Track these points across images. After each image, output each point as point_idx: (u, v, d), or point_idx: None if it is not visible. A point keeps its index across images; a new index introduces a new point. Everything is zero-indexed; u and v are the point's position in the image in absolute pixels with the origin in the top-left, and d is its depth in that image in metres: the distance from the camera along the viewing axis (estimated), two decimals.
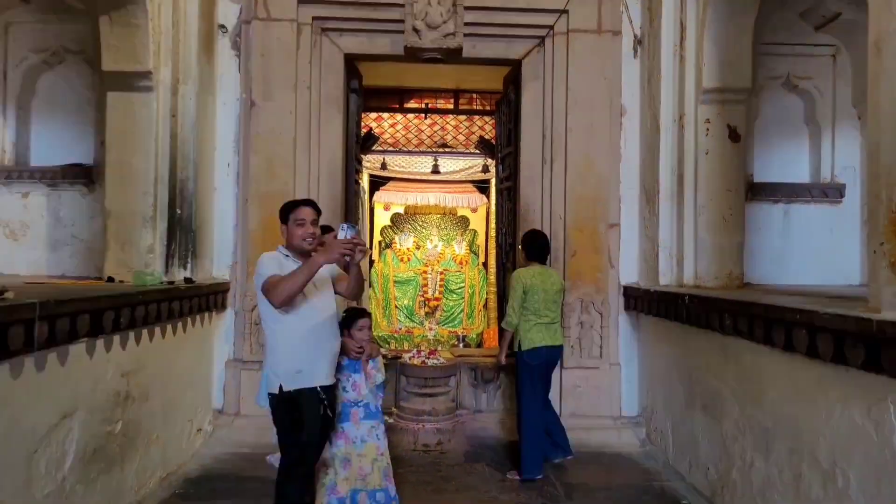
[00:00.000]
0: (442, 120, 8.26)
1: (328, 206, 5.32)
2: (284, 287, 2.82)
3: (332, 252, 2.82)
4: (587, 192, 5.20)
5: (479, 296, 9.97)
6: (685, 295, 3.97)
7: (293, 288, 2.82)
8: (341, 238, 2.84)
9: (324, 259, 2.83)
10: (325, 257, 2.83)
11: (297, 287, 2.83)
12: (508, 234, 6.05)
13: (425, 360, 5.28)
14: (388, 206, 10.29)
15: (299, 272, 2.84)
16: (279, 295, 2.83)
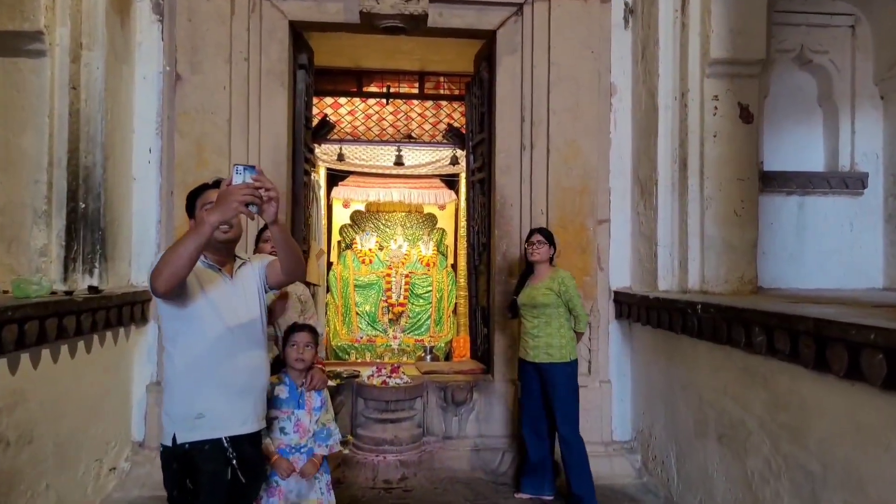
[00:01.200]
0: (406, 106, 7.56)
1: None
2: (163, 261, 2.02)
3: (226, 203, 1.93)
4: (573, 183, 4.57)
5: (447, 300, 9.30)
6: (697, 303, 3.34)
7: (174, 260, 1.98)
8: (238, 184, 1.96)
9: (217, 216, 1.95)
10: (217, 214, 1.95)
11: (182, 259, 1.98)
12: (481, 233, 5.39)
13: (386, 379, 4.57)
14: (348, 203, 9.54)
15: (184, 238, 2.02)
16: (157, 274, 2.03)
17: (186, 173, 4.41)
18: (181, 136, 4.44)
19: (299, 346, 2.82)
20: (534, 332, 3.83)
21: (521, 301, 3.93)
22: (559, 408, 3.75)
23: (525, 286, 3.97)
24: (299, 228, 5.09)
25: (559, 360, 3.76)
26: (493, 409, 4.73)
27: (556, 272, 3.90)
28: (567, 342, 3.80)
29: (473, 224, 5.77)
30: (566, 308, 3.82)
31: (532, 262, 3.93)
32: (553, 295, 3.79)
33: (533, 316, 3.85)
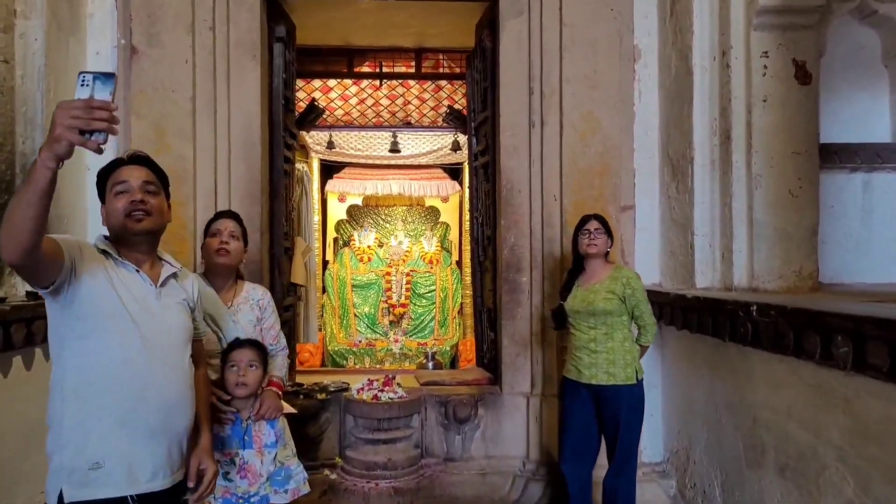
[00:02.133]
0: (402, 88, 6.97)
1: (243, 190, 4.05)
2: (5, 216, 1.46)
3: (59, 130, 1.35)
4: (591, 164, 3.99)
5: (452, 300, 8.74)
6: (751, 304, 2.75)
7: (8, 223, 1.44)
8: (79, 99, 1.37)
9: (49, 151, 1.38)
10: (49, 147, 1.38)
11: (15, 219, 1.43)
12: (486, 225, 4.81)
13: (377, 393, 4.01)
14: (344, 197, 8.99)
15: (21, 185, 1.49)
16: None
17: None
18: (138, 117, 3.89)
19: (240, 367, 2.27)
20: (591, 346, 3.13)
21: (572, 307, 3.22)
22: (623, 438, 3.09)
23: (574, 287, 3.28)
24: (278, 223, 4.53)
25: (624, 382, 3.08)
26: (501, 426, 4.16)
27: (617, 270, 3.23)
28: (633, 358, 3.14)
29: (477, 215, 5.19)
30: (629, 315, 3.18)
31: (586, 255, 3.23)
32: (616, 299, 3.12)
33: (589, 326, 3.16)
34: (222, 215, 2.71)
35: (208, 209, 3.95)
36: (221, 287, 2.57)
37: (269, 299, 2.70)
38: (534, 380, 4.11)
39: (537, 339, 4.10)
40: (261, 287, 2.74)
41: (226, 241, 2.54)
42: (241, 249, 2.61)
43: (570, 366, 3.22)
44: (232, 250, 2.55)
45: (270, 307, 2.68)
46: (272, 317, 2.68)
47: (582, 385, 3.14)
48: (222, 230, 2.57)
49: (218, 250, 2.52)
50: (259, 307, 2.63)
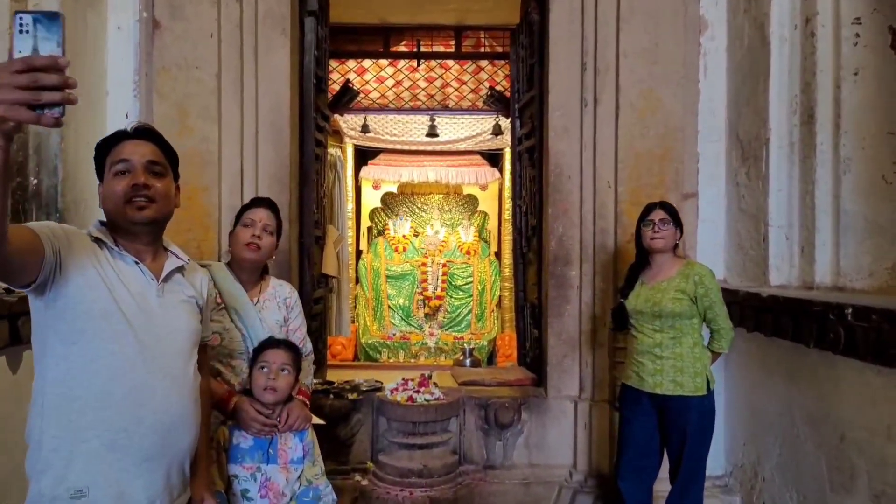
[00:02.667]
0: (440, 69, 6.68)
1: (271, 175, 3.84)
2: None
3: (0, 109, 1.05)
4: (650, 147, 3.66)
5: (490, 293, 8.47)
6: (845, 306, 2.41)
7: None
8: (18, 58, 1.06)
9: None
10: None
11: None
12: (530, 214, 4.52)
13: (413, 394, 3.77)
14: (378, 185, 8.77)
15: None
16: None
17: None
18: (160, 97, 3.70)
19: (271, 370, 2.04)
20: (656, 351, 2.81)
21: (635, 307, 2.90)
22: (689, 455, 2.78)
23: (637, 285, 2.96)
24: (308, 210, 4.31)
25: (692, 393, 2.76)
26: (546, 432, 3.88)
27: (689, 266, 2.86)
28: (703, 367, 2.80)
29: (520, 203, 4.91)
30: (701, 318, 2.84)
31: (651, 250, 2.88)
32: (686, 300, 2.77)
33: (654, 329, 2.83)
34: (259, 203, 2.41)
35: (234, 195, 3.76)
36: (246, 282, 2.34)
37: (296, 298, 2.46)
38: (582, 383, 3.82)
39: (587, 338, 3.81)
40: (288, 284, 2.50)
41: (258, 234, 2.28)
42: (273, 245, 2.35)
43: (631, 372, 2.91)
44: (264, 246, 2.28)
45: (298, 307, 2.45)
46: (299, 317, 2.44)
47: (644, 394, 2.83)
48: (256, 221, 2.31)
49: (248, 244, 2.27)
50: (286, 306, 2.40)
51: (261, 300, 2.34)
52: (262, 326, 2.25)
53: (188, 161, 3.65)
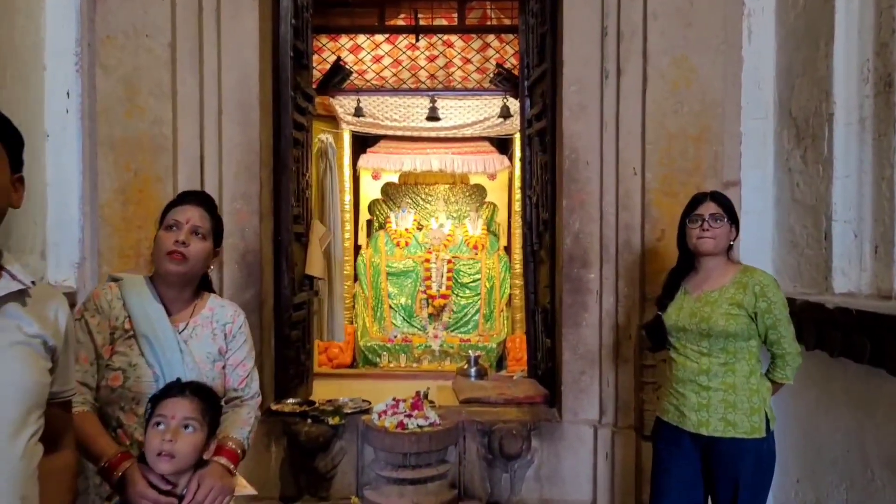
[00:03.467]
0: (442, 45, 6.14)
1: (238, 162, 3.36)
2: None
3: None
4: (684, 126, 3.13)
5: (499, 291, 7.96)
6: None
7: None
8: None
9: None
10: None
11: None
12: (542, 207, 4.00)
13: (404, 419, 3.26)
14: (378, 174, 8.25)
15: None
16: None
17: (113, 125, 3.19)
18: (105, 71, 3.21)
19: (169, 427, 1.54)
20: (702, 380, 2.26)
21: (676, 322, 2.35)
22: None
23: (679, 294, 2.41)
24: (286, 203, 3.82)
25: (748, 434, 2.21)
26: (560, 462, 3.38)
27: (746, 273, 2.29)
28: (762, 401, 2.25)
29: (531, 194, 4.39)
30: (760, 339, 2.29)
31: (698, 252, 2.32)
32: (744, 316, 2.22)
33: (701, 352, 2.28)
34: (187, 199, 1.91)
35: (193, 186, 3.26)
36: (173, 301, 1.84)
37: (241, 323, 1.94)
38: (603, 405, 3.31)
39: (608, 353, 3.29)
40: (232, 305, 1.99)
41: (184, 239, 1.78)
42: (205, 253, 1.84)
43: (669, 405, 2.38)
44: (191, 254, 1.79)
45: (242, 334, 1.93)
46: (243, 348, 1.93)
47: (685, 433, 2.30)
48: (182, 223, 1.80)
49: (171, 253, 1.76)
50: (226, 333, 1.89)
51: (190, 326, 1.83)
52: (185, 361, 1.75)
53: (138, 147, 3.19)
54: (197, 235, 1.81)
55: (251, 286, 3.42)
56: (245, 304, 3.39)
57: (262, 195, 3.47)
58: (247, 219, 3.39)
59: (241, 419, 1.84)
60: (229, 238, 3.38)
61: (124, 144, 3.18)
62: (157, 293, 1.81)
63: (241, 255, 3.40)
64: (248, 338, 1.94)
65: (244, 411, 1.87)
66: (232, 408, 1.87)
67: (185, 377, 1.71)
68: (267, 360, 3.58)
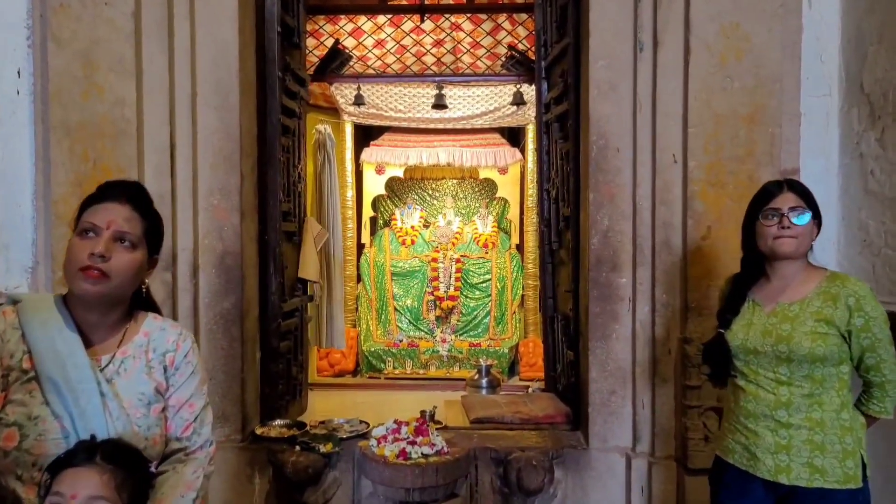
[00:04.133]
0: (449, 27, 5.70)
1: (215, 152, 2.95)
2: None
3: None
4: (734, 105, 2.68)
5: (511, 292, 7.51)
6: None
7: None
8: None
9: None
10: None
11: None
12: (563, 201, 3.57)
13: (406, 448, 2.83)
14: (382, 168, 7.82)
15: None
16: None
17: (68, 107, 2.77)
18: (58, 45, 2.79)
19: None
20: (780, 415, 1.82)
21: (744, 343, 1.90)
22: None
23: (747, 307, 1.96)
24: (274, 199, 3.40)
25: (840, 484, 1.77)
26: (588, 496, 2.95)
27: (834, 281, 1.85)
28: (856, 441, 1.81)
29: (549, 188, 3.95)
30: (854, 363, 1.84)
31: (774, 255, 1.87)
32: (835, 335, 1.78)
33: (778, 380, 1.84)
34: (109, 194, 1.44)
35: (161, 178, 2.86)
36: (94, 327, 1.41)
37: (187, 349, 1.50)
38: (638, 431, 2.88)
39: (644, 370, 2.86)
40: (175, 327, 1.54)
41: (103, 250, 1.35)
42: (136, 267, 1.41)
43: (735, 444, 1.92)
44: (114, 271, 1.36)
45: (189, 364, 1.49)
46: (191, 383, 1.48)
47: (758, 480, 1.84)
48: (100, 227, 1.37)
49: (85, 270, 1.34)
50: (166, 365, 1.46)
51: (117, 359, 1.40)
52: (108, 409, 1.32)
53: (97, 132, 2.77)
54: (122, 244, 1.38)
55: (231, 293, 3.00)
56: (224, 314, 2.99)
57: (244, 189, 3.04)
58: (225, 216, 2.97)
59: (183, 482, 1.41)
60: (205, 239, 2.98)
61: (81, 130, 2.77)
62: (72, 318, 1.38)
63: (220, 257, 2.98)
64: (196, 369, 1.51)
65: (188, 470, 1.43)
66: (173, 465, 1.43)
67: (108, 431, 1.29)
68: (250, 376, 3.16)
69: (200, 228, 2.96)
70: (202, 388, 1.51)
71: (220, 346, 3.00)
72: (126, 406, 1.36)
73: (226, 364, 3.00)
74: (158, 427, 1.41)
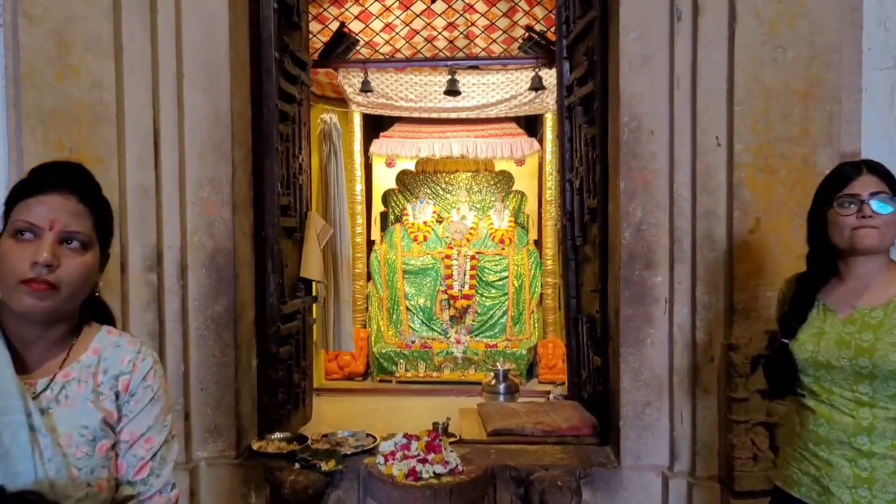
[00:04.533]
0: (462, 8, 5.42)
1: (203, 139, 2.70)
2: None
3: None
4: (786, 79, 2.40)
5: (529, 290, 7.24)
6: None
7: None
8: None
9: None
10: None
11: None
12: (588, 191, 3.30)
13: (417, 465, 2.58)
14: (393, 161, 7.55)
15: None
16: None
17: (42, 91, 2.53)
18: (30, 22, 2.54)
19: None
20: (860, 441, 1.53)
21: (814, 355, 1.62)
22: None
23: (816, 312, 1.67)
24: (271, 191, 3.15)
25: None
26: None
27: None
28: None
29: (571, 178, 3.68)
30: None
31: (853, 250, 1.58)
32: None
33: (857, 399, 1.55)
34: (46, 182, 1.15)
35: (144, 168, 2.62)
36: (30, 343, 1.14)
37: (147, 370, 1.22)
38: (676, 448, 2.60)
39: (682, 380, 2.58)
40: (133, 343, 1.25)
41: (48, 258, 1.09)
42: (89, 272, 1.16)
43: (801, 474, 1.63)
44: (65, 281, 1.11)
45: (148, 390, 1.21)
46: (148, 413, 1.20)
47: None
48: (41, 227, 1.11)
49: (30, 283, 1.08)
50: (118, 390, 1.19)
51: (57, 383, 1.14)
52: (39, 447, 1.07)
53: (73, 118, 2.53)
54: (70, 246, 1.12)
55: (223, 295, 2.75)
56: (216, 317, 2.75)
57: (237, 180, 2.80)
58: (216, 210, 2.73)
59: None
60: (194, 235, 2.74)
61: (56, 116, 2.53)
62: (2, 332, 1.13)
63: (210, 256, 2.74)
64: (158, 394, 1.23)
65: None
66: None
67: (36, 475, 1.04)
68: (246, 385, 2.92)
69: (189, 224, 2.72)
70: (164, 419, 1.24)
71: (212, 352, 2.76)
72: (63, 443, 1.10)
73: (218, 373, 2.77)
74: (106, 469, 1.14)
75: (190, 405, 2.75)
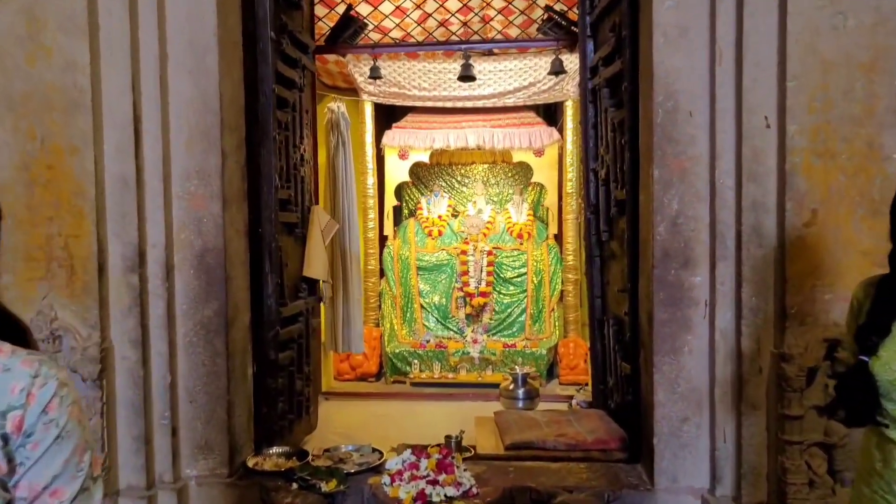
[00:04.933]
0: None
1: (190, 126, 2.47)
2: None
3: None
4: (847, 48, 2.12)
5: (549, 287, 6.98)
6: None
7: None
8: None
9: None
10: None
11: None
12: (616, 182, 3.03)
13: (426, 487, 2.34)
14: (406, 153, 7.31)
15: None
16: None
17: (11, 74, 2.32)
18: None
19: None
20: None
21: None
22: None
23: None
24: (269, 184, 2.92)
25: None
26: None
27: None
28: None
29: (596, 167, 3.42)
30: None
31: None
32: None
33: None
34: None
35: (124, 157, 2.39)
36: None
37: (45, 400, 0.94)
38: (718, 469, 2.33)
39: (725, 393, 2.31)
40: (29, 364, 0.95)
41: None
42: None
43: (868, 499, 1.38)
44: None
45: (51, 427, 0.92)
46: (55, 458, 0.92)
47: None
48: None
49: None
50: (6, 432, 0.92)
51: None
52: None
53: (45, 104, 2.31)
54: None
55: (213, 298, 2.53)
56: (205, 322, 2.53)
57: (227, 171, 2.57)
58: (204, 205, 2.51)
59: None
60: (181, 233, 2.52)
61: (27, 102, 2.32)
62: None
63: (198, 255, 2.52)
64: (66, 430, 0.95)
65: None
66: None
67: None
68: (240, 396, 2.70)
69: (174, 220, 2.51)
70: (79, 461, 0.97)
71: (202, 361, 2.54)
72: None
73: (208, 383, 2.55)
74: None
75: (178, 419, 2.53)
